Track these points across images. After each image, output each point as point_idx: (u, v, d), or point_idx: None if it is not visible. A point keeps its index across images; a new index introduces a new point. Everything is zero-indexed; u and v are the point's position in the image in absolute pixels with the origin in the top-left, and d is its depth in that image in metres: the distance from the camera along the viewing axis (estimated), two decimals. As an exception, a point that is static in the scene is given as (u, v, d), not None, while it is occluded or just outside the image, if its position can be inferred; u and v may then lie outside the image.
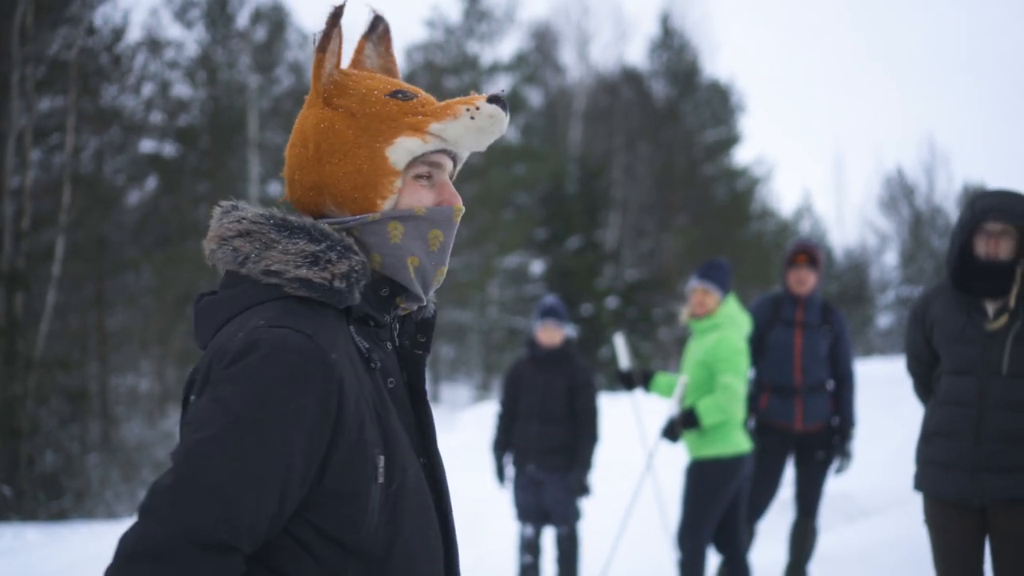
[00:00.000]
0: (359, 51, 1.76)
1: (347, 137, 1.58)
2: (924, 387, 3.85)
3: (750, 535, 5.69)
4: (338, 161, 1.58)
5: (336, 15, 1.60)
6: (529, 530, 6.02)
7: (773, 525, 7.12)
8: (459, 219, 1.65)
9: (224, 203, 1.61)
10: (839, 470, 5.69)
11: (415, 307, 1.68)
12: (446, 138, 1.60)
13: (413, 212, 1.59)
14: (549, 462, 5.88)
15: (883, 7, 75.20)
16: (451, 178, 1.70)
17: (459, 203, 1.64)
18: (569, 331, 6.23)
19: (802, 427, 5.56)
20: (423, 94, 1.66)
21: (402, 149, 1.57)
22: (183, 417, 1.51)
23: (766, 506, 5.71)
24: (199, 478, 1.37)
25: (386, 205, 1.59)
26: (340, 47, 1.66)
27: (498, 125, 1.60)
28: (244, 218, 1.56)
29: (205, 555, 1.36)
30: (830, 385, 5.69)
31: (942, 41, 74.18)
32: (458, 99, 1.62)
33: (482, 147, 1.64)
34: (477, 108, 1.58)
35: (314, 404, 1.43)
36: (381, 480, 1.51)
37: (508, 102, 1.61)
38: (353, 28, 1.74)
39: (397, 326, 1.69)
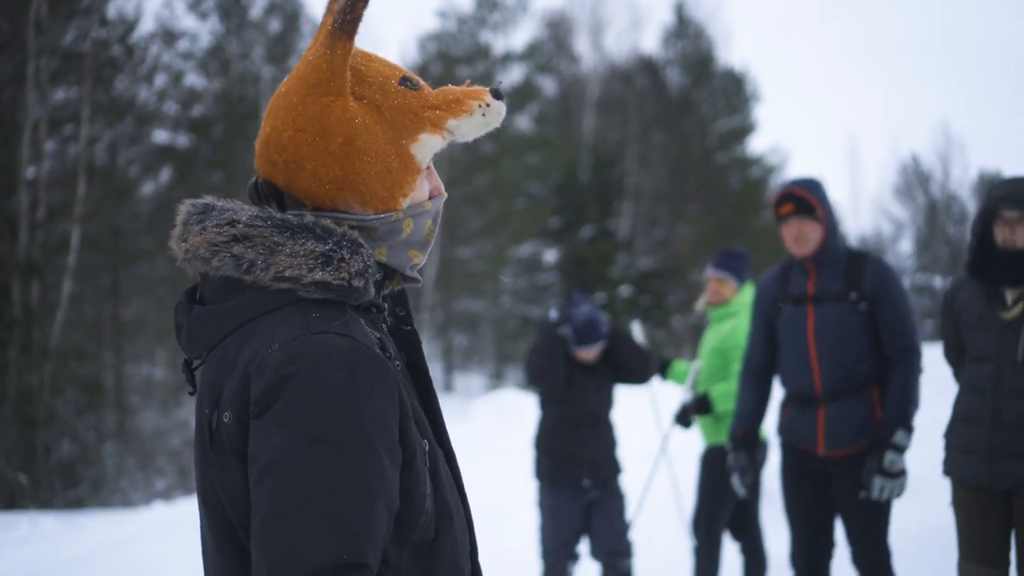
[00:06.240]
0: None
1: (377, 134, 1.50)
2: (959, 374, 3.86)
3: None
4: (370, 160, 1.49)
5: None
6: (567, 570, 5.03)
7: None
8: None
9: (194, 202, 1.52)
10: (883, 492, 3.85)
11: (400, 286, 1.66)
12: (459, 134, 1.58)
13: (423, 208, 1.57)
14: (603, 472, 5.01)
15: (898, -6, 74.81)
16: None
17: (444, 191, 1.65)
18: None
19: (825, 451, 3.99)
20: (417, 78, 1.64)
21: (427, 147, 1.54)
22: (219, 439, 1.40)
23: (809, 549, 4.11)
24: (304, 512, 1.29)
25: (406, 203, 1.55)
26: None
27: (500, 120, 1.61)
28: (237, 221, 1.45)
29: None
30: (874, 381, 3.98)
31: (957, 27, 73.71)
32: (462, 91, 1.59)
33: (472, 138, 1.64)
34: (488, 105, 1.57)
35: (385, 401, 1.38)
36: (427, 464, 1.49)
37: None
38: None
39: (386, 305, 1.65)
